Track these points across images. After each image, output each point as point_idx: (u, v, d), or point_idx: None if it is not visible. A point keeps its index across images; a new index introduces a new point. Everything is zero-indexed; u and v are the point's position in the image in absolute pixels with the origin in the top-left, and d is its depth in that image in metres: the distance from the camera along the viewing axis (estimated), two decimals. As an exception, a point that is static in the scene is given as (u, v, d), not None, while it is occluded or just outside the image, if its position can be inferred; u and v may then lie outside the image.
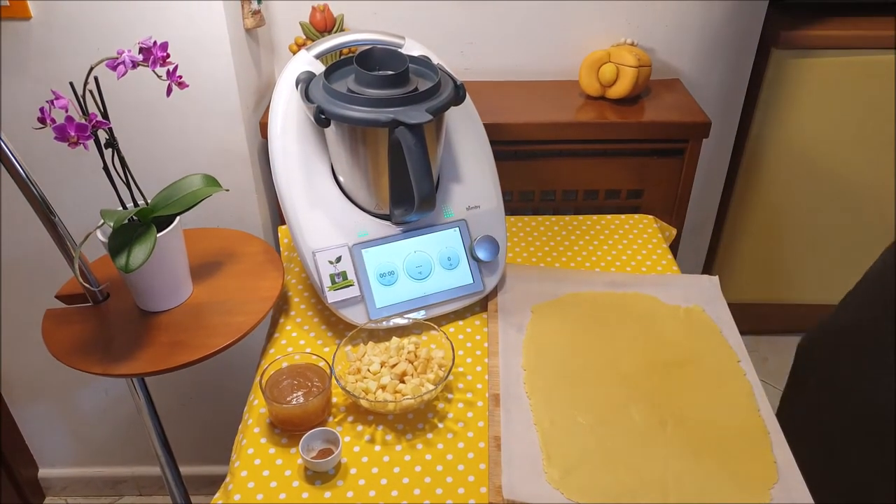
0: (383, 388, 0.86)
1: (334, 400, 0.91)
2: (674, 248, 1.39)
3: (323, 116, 0.91)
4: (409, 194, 0.93)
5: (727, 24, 1.37)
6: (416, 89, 0.93)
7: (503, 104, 1.30)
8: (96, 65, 0.82)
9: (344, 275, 0.97)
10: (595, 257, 1.16)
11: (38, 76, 1.14)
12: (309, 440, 0.83)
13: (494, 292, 1.06)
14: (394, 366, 0.89)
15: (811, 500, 0.77)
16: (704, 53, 1.40)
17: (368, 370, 0.89)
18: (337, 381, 0.86)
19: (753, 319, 2.03)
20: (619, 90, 1.30)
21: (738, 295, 1.93)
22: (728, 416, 0.87)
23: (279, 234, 1.24)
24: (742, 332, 0.99)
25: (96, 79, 0.83)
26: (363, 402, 0.86)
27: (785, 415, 1.12)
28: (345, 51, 1.15)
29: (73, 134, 0.80)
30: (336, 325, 1.02)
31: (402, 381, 0.88)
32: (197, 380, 1.51)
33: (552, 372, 0.93)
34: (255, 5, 1.21)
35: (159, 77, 0.85)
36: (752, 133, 1.68)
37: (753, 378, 0.92)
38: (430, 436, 0.86)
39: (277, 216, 1.39)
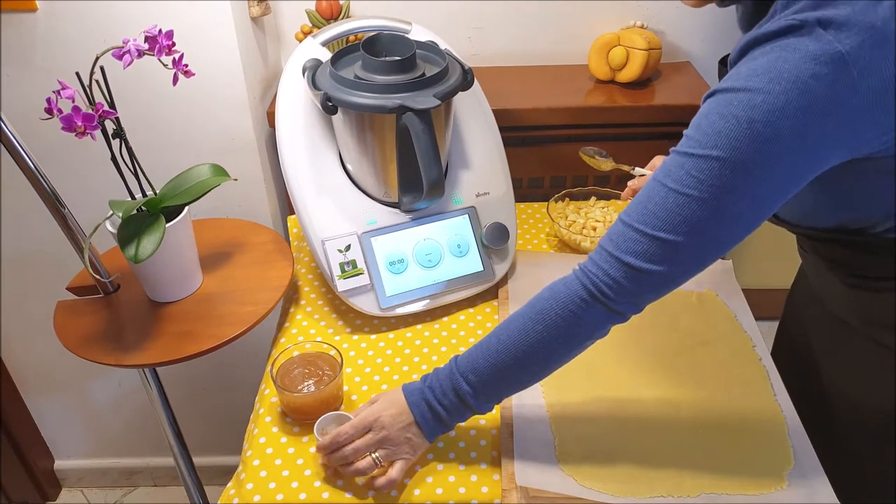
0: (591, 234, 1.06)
1: (346, 388, 0.90)
2: (686, 233, 1.37)
3: (330, 103, 0.90)
4: (417, 181, 0.92)
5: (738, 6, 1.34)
6: (423, 75, 0.92)
7: (511, 89, 1.29)
8: (102, 54, 0.82)
9: (353, 263, 0.97)
10: (606, 243, 1.15)
11: (45, 67, 1.13)
12: (323, 424, 0.82)
13: (505, 280, 1.05)
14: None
15: (828, 484, 0.76)
16: (715, 36, 1.37)
17: (588, 216, 1.13)
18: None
19: (769, 305, 2.00)
20: (628, 74, 1.28)
21: (754, 280, 1.91)
22: (743, 401, 0.86)
23: (288, 224, 1.24)
24: (757, 318, 0.98)
25: (102, 69, 0.83)
26: (563, 232, 1.11)
27: None
28: (351, 37, 1.14)
29: (79, 124, 0.80)
30: (346, 314, 1.02)
31: None
32: (209, 370, 1.52)
33: (564, 358, 0.93)
34: (260, -7, 1.20)
35: (165, 66, 0.85)
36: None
37: (769, 363, 0.91)
38: (441, 423, 0.86)
39: (287, 206, 1.39)
